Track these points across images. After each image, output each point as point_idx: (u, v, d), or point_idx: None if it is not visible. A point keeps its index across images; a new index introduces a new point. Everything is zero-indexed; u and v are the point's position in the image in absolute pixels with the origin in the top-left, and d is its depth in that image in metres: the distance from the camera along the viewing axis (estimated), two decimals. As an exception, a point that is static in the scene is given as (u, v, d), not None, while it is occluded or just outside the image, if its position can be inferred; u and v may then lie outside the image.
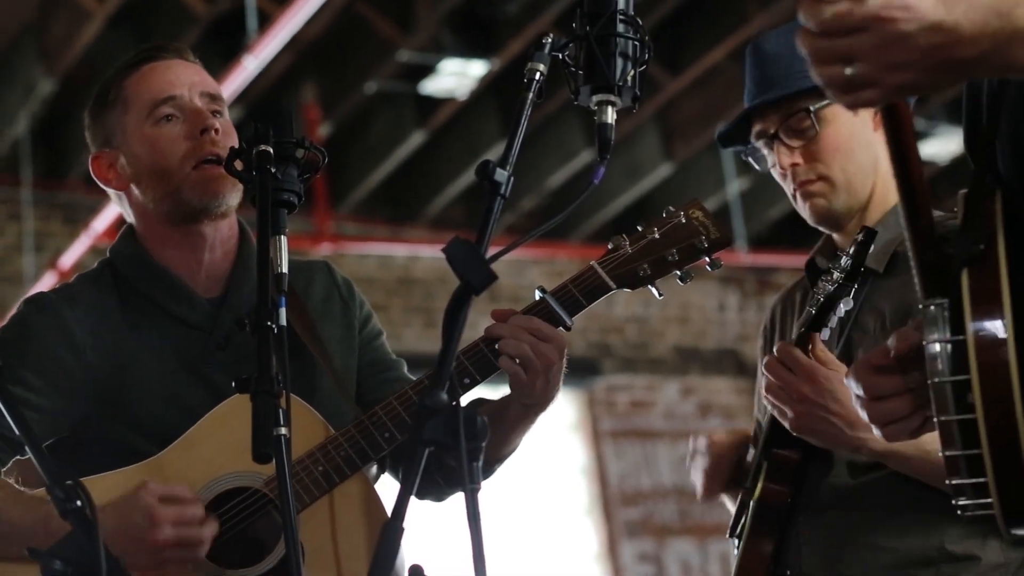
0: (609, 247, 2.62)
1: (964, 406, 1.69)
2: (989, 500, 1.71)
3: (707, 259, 2.62)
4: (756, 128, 2.81)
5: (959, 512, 1.77)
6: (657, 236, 2.61)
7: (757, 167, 2.86)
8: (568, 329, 2.57)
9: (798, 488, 2.71)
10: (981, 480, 1.70)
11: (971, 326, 1.68)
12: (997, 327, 1.66)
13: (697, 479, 2.88)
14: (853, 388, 1.93)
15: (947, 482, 1.75)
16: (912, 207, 1.75)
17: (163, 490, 2.45)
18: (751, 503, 2.72)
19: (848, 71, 1.59)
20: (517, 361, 2.52)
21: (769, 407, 2.65)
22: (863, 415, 1.93)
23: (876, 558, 2.63)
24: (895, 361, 1.90)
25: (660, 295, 2.64)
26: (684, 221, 2.62)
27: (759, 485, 2.71)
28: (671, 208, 2.65)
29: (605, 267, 2.59)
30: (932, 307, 1.74)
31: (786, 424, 2.62)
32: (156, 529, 2.40)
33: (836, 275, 2.58)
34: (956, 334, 1.70)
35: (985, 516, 1.74)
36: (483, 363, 2.55)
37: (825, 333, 2.62)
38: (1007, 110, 1.82)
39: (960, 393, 1.69)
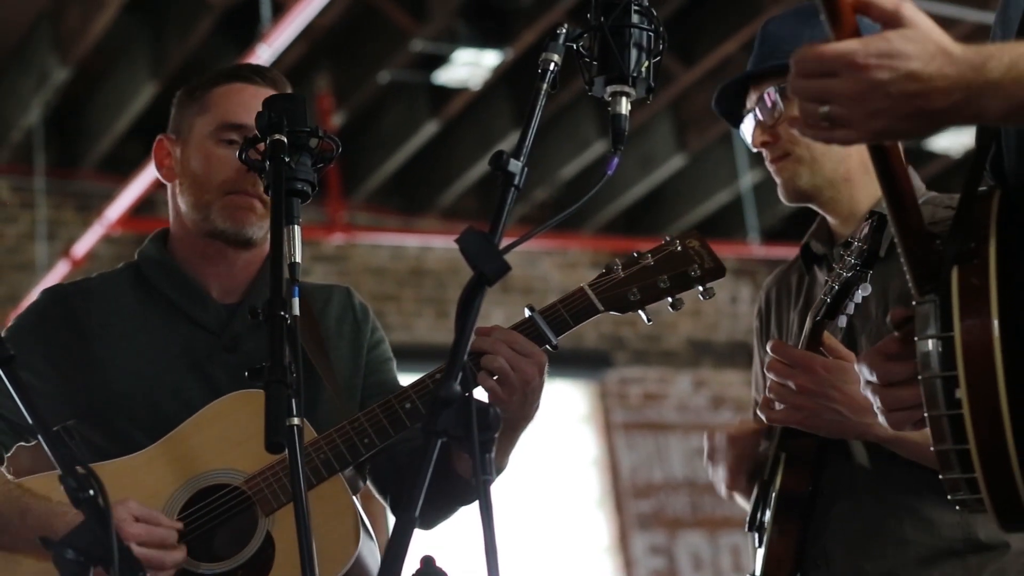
0: (603, 271, 2.65)
1: (953, 402, 1.70)
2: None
3: (700, 288, 2.65)
4: (747, 104, 2.83)
5: (956, 508, 1.79)
6: (651, 262, 2.64)
7: (751, 145, 2.86)
8: (554, 348, 2.59)
9: (818, 476, 2.71)
10: (973, 475, 1.71)
11: (959, 324, 1.70)
12: (985, 325, 1.68)
13: (720, 476, 2.85)
14: (865, 374, 1.95)
15: (940, 477, 1.76)
16: (897, 203, 1.77)
17: (139, 509, 2.48)
18: (772, 495, 2.71)
19: (823, 110, 1.64)
20: (495, 377, 2.53)
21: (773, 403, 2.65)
22: (874, 401, 1.94)
23: (904, 553, 2.61)
24: (905, 348, 1.91)
25: (648, 321, 2.66)
26: (679, 249, 2.65)
27: (778, 476, 2.70)
28: (668, 237, 2.69)
29: (595, 289, 2.62)
30: (925, 304, 1.75)
31: (791, 423, 2.62)
32: None
33: (850, 261, 2.57)
34: (945, 331, 1.71)
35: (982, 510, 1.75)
36: (465, 375, 2.55)
37: (842, 320, 2.62)
38: None
39: (949, 389, 1.71)
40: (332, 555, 2.50)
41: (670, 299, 2.64)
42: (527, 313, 2.60)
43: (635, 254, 2.66)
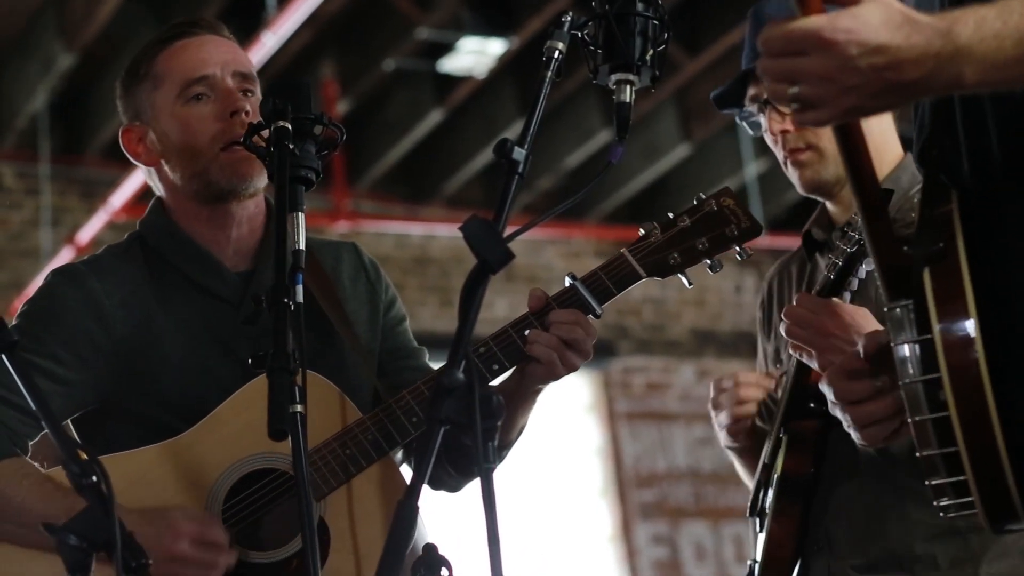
0: (640, 233, 2.59)
1: (937, 404, 1.69)
2: (971, 498, 1.72)
3: (737, 248, 2.60)
4: (750, 92, 2.79)
5: (941, 514, 1.78)
6: (688, 224, 2.58)
7: (751, 131, 2.85)
8: (597, 317, 2.55)
9: (820, 459, 2.69)
10: (961, 478, 1.70)
11: (937, 325, 1.69)
12: (963, 324, 1.67)
13: (722, 420, 2.83)
14: (828, 395, 1.94)
15: (926, 483, 1.75)
16: (869, 209, 1.75)
17: (193, 512, 2.46)
18: (774, 478, 2.70)
19: (792, 91, 1.60)
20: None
21: (793, 353, 2.62)
22: (844, 419, 1.94)
23: (907, 531, 2.60)
24: (867, 364, 1.90)
25: (690, 284, 2.62)
26: (715, 209, 2.60)
27: (780, 460, 2.69)
28: (702, 195, 2.62)
29: (636, 255, 2.57)
30: (897, 309, 1.74)
31: (812, 364, 2.58)
32: (175, 541, 2.40)
33: (854, 236, 2.55)
34: (923, 334, 1.71)
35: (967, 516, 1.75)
36: (512, 351, 2.53)
37: (846, 297, 2.60)
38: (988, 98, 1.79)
39: (932, 392, 1.70)
40: None
41: (708, 261, 2.59)
42: (568, 282, 2.55)
43: (671, 215, 2.60)
